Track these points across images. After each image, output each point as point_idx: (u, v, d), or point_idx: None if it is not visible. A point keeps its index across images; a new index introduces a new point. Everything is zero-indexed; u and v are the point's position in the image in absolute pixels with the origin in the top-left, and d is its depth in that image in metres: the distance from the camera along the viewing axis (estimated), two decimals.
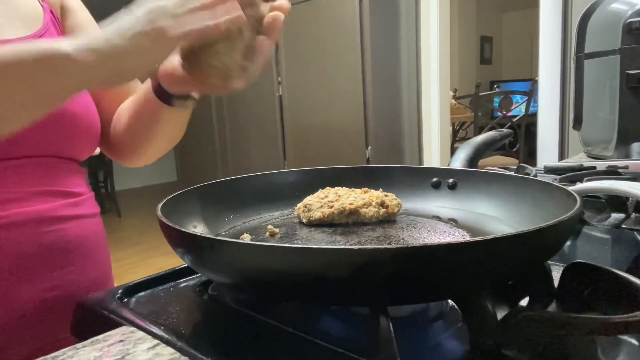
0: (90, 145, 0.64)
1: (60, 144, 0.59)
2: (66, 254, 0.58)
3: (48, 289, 0.56)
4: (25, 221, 0.55)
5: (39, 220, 0.56)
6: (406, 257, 0.29)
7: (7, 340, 0.53)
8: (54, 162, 0.59)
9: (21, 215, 0.54)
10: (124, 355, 0.33)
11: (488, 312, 0.32)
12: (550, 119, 2.26)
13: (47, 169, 0.59)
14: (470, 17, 6.19)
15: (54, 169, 0.59)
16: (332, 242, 0.48)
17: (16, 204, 0.54)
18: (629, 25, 1.02)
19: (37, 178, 0.57)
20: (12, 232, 0.54)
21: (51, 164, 0.59)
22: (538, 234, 0.31)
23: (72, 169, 0.63)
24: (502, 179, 0.55)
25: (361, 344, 0.32)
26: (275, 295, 0.38)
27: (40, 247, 0.56)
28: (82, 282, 0.59)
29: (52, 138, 0.58)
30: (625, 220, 0.60)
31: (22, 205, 0.55)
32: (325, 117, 3.10)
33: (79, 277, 0.59)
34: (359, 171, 0.65)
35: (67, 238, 0.59)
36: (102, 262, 0.64)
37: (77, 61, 0.42)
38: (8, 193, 0.54)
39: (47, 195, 0.58)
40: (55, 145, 0.59)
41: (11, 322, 0.53)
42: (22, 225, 0.54)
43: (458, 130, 4.36)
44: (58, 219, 0.58)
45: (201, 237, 0.35)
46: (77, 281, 0.59)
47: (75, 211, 0.61)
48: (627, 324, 0.27)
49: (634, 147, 0.99)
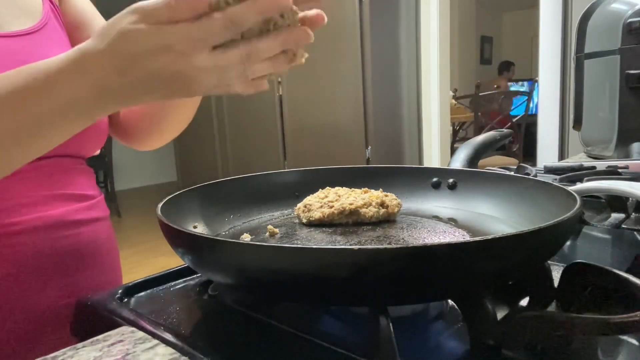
0: (98, 140, 0.63)
1: (70, 140, 0.59)
2: (81, 259, 0.57)
3: (64, 295, 0.55)
4: (42, 226, 0.54)
5: (55, 225, 0.55)
6: (406, 257, 0.29)
7: (20, 345, 0.52)
8: (64, 162, 0.58)
9: (38, 220, 0.53)
10: (124, 355, 0.33)
11: (488, 312, 0.32)
12: (550, 119, 2.26)
13: (61, 170, 0.58)
14: (470, 17, 6.19)
15: (67, 170, 0.59)
16: (332, 242, 0.48)
17: (33, 209, 0.53)
18: (629, 25, 1.02)
19: (51, 181, 0.56)
20: (29, 238, 0.52)
21: (62, 165, 0.58)
22: (538, 234, 0.31)
23: (82, 169, 0.62)
24: (502, 179, 0.55)
25: (361, 344, 0.32)
26: (275, 295, 0.38)
27: (56, 252, 0.55)
28: (96, 287, 0.58)
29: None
30: (625, 220, 0.60)
31: (39, 209, 0.54)
32: (325, 117, 3.10)
33: (92, 282, 0.58)
34: (359, 171, 0.65)
35: (82, 243, 0.58)
36: (114, 266, 0.64)
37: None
38: (23, 197, 0.53)
39: (62, 199, 0.57)
40: (64, 144, 0.58)
41: (26, 327, 0.52)
42: (39, 231, 0.53)
43: (458, 130, 4.36)
44: (73, 223, 0.57)
45: (201, 237, 0.35)
46: (91, 286, 0.58)
47: (89, 215, 0.60)
48: (627, 324, 0.27)
49: (634, 147, 0.99)
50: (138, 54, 0.35)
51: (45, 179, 0.55)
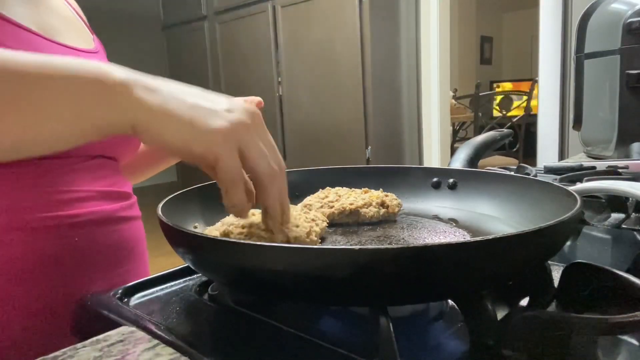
0: (132, 146, 0.67)
1: (112, 144, 0.62)
2: (126, 254, 0.61)
3: (105, 290, 0.57)
4: (96, 220, 0.57)
5: (107, 219, 0.59)
6: (407, 257, 0.29)
7: (59, 329, 0.53)
8: (109, 163, 0.62)
9: (92, 214, 0.57)
10: (124, 355, 0.33)
11: (488, 312, 0.32)
12: (550, 119, 2.26)
13: (107, 170, 0.62)
14: (470, 17, 6.19)
15: (112, 170, 0.63)
16: (332, 242, 0.48)
17: (89, 203, 0.57)
18: (629, 25, 1.02)
19: (101, 179, 0.60)
20: (85, 230, 0.56)
21: (107, 165, 0.62)
22: (538, 234, 0.31)
23: (119, 170, 0.66)
24: (502, 179, 0.55)
25: (361, 344, 0.32)
26: (275, 295, 0.38)
27: (106, 246, 0.58)
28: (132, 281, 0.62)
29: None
30: (625, 220, 0.60)
31: (93, 204, 0.57)
32: (325, 117, 3.10)
33: (131, 278, 0.61)
34: (359, 171, 0.65)
35: (126, 239, 0.61)
36: (146, 265, 0.67)
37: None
38: (82, 192, 0.57)
39: (111, 196, 0.61)
40: (108, 146, 0.61)
41: (67, 315, 0.54)
42: (94, 224, 0.57)
43: (458, 130, 4.36)
44: (118, 219, 0.61)
45: (201, 237, 0.35)
46: (132, 280, 0.61)
47: (130, 213, 0.64)
48: (627, 324, 0.27)
49: (634, 147, 0.99)
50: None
51: (96, 177, 0.59)
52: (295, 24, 3.11)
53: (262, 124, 0.40)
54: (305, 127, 3.23)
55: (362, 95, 2.90)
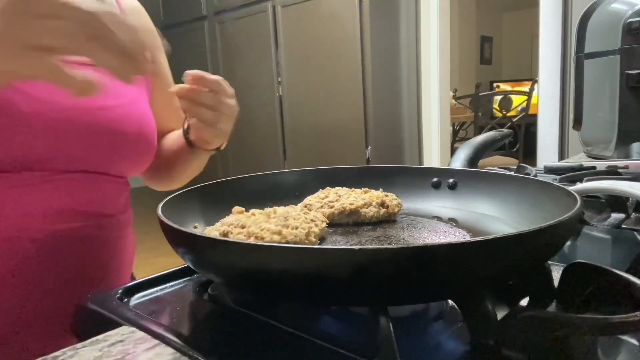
0: (140, 164, 0.69)
1: (109, 161, 0.63)
2: (94, 270, 0.64)
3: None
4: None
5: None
6: (407, 257, 0.29)
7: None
8: (84, 177, 0.62)
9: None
10: (124, 355, 0.33)
11: (488, 312, 0.32)
12: (550, 119, 2.26)
13: (90, 186, 0.63)
14: (470, 17, 6.19)
15: (88, 185, 0.63)
16: (332, 242, 0.48)
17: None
18: (629, 25, 1.01)
19: (69, 195, 0.60)
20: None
21: (83, 180, 0.62)
22: (538, 234, 0.31)
23: (109, 186, 0.66)
24: (502, 179, 0.55)
25: (361, 344, 0.32)
26: (275, 295, 0.38)
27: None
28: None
29: (104, 154, 0.61)
30: (625, 220, 0.60)
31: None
32: (325, 117, 3.10)
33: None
34: (359, 171, 0.65)
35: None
36: (125, 279, 0.71)
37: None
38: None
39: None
40: (103, 161, 0.62)
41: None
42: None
43: (458, 130, 4.36)
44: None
45: (201, 237, 0.35)
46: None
47: (100, 232, 0.65)
48: (627, 324, 0.27)
49: (634, 147, 0.99)
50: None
51: (64, 194, 0.60)
52: (295, 24, 3.11)
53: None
54: (305, 127, 3.23)
55: (362, 95, 2.90)
